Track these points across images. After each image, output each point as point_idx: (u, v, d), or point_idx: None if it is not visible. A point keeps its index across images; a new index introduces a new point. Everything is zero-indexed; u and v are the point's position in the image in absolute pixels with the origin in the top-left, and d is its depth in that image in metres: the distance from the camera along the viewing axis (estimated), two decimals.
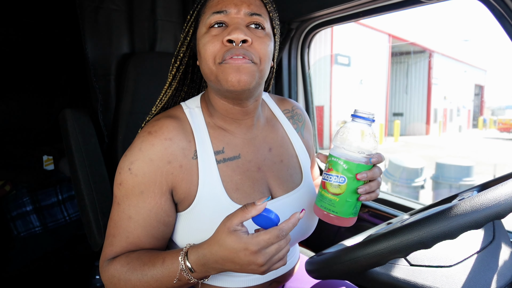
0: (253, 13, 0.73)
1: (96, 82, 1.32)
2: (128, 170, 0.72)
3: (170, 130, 0.74)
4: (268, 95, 0.97)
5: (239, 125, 0.82)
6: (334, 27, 1.66)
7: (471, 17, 68.09)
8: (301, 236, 0.87)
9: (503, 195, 0.54)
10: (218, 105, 0.79)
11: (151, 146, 0.72)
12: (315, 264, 0.68)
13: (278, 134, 0.91)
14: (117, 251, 0.74)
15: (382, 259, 0.56)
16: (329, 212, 0.70)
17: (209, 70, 0.72)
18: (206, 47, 0.72)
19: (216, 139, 0.80)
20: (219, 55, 0.70)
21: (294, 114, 0.98)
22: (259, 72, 0.73)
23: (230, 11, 0.72)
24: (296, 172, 0.89)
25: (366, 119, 0.68)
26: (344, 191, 0.68)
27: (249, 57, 0.70)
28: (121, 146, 1.28)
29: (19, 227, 2.10)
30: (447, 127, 16.82)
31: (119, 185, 0.73)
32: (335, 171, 0.69)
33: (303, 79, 1.78)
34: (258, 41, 0.72)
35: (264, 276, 0.84)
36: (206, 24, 0.73)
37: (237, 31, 0.69)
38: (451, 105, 16.97)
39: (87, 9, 1.30)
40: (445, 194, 3.10)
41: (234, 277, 0.81)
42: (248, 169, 0.81)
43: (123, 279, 0.71)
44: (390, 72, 13.72)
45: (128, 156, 0.73)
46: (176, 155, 0.73)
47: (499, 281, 0.64)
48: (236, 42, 0.69)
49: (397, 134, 13.42)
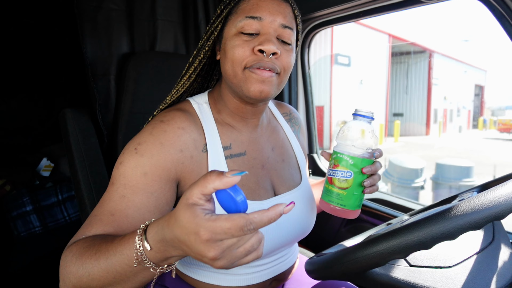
0: (286, 26, 0.74)
1: (94, 81, 1.32)
2: (134, 149, 0.68)
3: (182, 120, 0.73)
4: None
5: (246, 123, 0.84)
6: (334, 27, 1.66)
7: (471, 17, 68.05)
8: (301, 234, 0.87)
9: (503, 196, 0.54)
10: (230, 102, 0.81)
11: (163, 132, 0.70)
12: (315, 264, 0.68)
13: (279, 135, 0.93)
14: (91, 232, 0.64)
15: (382, 260, 0.56)
16: (337, 205, 0.75)
17: (234, 72, 0.73)
18: (235, 50, 0.72)
19: (224, 135, 0.80)
20: (248, 61, 0.71)
21: (292, 117, 1.02)
22: (280, 83, 0.76)
23: (264, 19, 0.72)
24: (295, 172, 0.92)
25: (367, 117, 0.74)
26: (351, 185, 0.73)
27: (274, 70, 0.72)
28: (121, 146, 1.28)
29: (19, 227, 2.10)
30: (447, 128, 16.83)
31: (119, 164, 0.68)
32: (342, 167, 0.73)
33: (303, 79, 1.79)
34: (285, 54, 0.74)
35: (264, 275, 0.84)
36: (237, 27, 0.73)
37: (270, 43, 0.70)
38: (451, 105, 16.98)
39: (87, 9, 1.30)
40: (445, 195, 3.10)
41: (232, 275, 0.81)
42: (253, 166, 0.82)
43: (69, 270, 0.58)
44: (390, 72, 13.72)
45: (135, 138, 0.70)
46: (188, 145, 0.72)
47: (498, 282, 0.64)
48: (267, 53, 0.70)
49: (397, 135, 13.42)
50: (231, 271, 0.81)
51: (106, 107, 1.36)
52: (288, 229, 0.82)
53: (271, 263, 0.86)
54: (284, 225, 0.81)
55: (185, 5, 1.54)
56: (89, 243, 0.59)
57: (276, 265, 0.87)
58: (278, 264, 0.88)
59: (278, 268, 0.88)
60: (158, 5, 1.45)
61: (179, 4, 1.53)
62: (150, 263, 0.52)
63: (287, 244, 0.85)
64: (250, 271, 0.83)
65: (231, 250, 0.46)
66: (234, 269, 0.81)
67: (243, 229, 0.44)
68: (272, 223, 0.76)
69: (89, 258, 0.57)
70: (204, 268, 0.82)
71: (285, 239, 0.83)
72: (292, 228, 0.83)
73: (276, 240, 0.80)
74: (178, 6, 1.52)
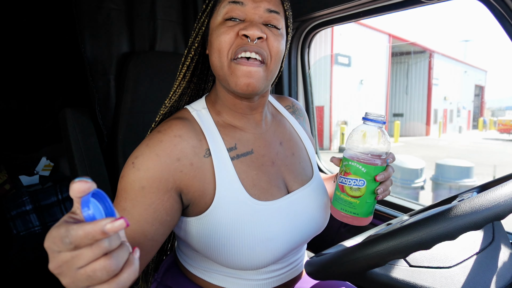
0: (272, 10, 0.72)
1: (94, 81, 1.32)
2: (132, 164, 0.69)
3: (179, 128, 0.73)
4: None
5: (248, 120, 0.82)
6: (334, 27, 1.66)
7: (471, 17, 68.13)
8: (316, 230, 0.85)
9: (502, 196, 0.54)
10: (226, 98, 0.79)
11: (159, 142, 0.70)
12: (314, 265, 0.68)
13: (286, 128, 0.91)
14: None
15: (382, 260, 0.56)
16: (349, 213, 0.72)
17: (220, 63, 0.72)
18: (220, 38, 0.71)
19: (228, 136, 0.79)
20: (232, 48, 0.70)
21: (295, 109, 0.99)
22: (268, 74, 0.73)
23: (247, 4, 0.71)
24: (307, 165, 0.89)
25: (378, 122, 0.69)
26: (364, 193, 0.70)
27: (262, 55, 0.70)
28: (121, 146, 1.28)
29: (18, 226, 2.10)
30: (447, 128, 16.84)
31: (121, 179, 0.70)
32: (354, 175, 0.70)
33: (303, 79, 1.79)
34: (272, 37, 0.72)
35: (276, 281, 0.83)
36: (221, 14, 0.73)
37: (254, 28, 0.69)
38: (451, 105, 17.00)
39: (87, 9, 1.30)
40: (445, 195, 3.11)
41: (244, 280, 0.80)
42: (262, 164, 0.80)
43: None
44: (390, 72, 13.72)
45: (134, 152, 0.72)
46: (186, 153, 0.71)
47: (498, 282, 0.64)
48: (252, 38, 0.69)
49: (397, 135, 13.43)
50: (243, 276, 0.79)
51: (106, 106, 1.36)
52: (303, 227, 0.80)
53: (283, 269, 0.84)
54: (298, 223, 0.79)
55: (185, 5, 1.54)
56: None
57: (288, 271, 0.86)
58: (289, 270, 0.86)
59: (289, 274, 0.86)
60: (158, 5, 1.45)
61: (179, 4, 1.53)
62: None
63: (302, 243, 0.83)
64: (263, 277, 0.81)
65: (71, 267, 0.38)
66: (244, 274, 0.79)
67: (62, 240, 0.37)
68: (287, 222, 0.77)
69: None
70: (216, 271, 0.81)
71: (301, 238, 0.81)
72: (306, 225, 0.81)
73: (291, 240, 0.78)
74: (178, 6, 1.52)
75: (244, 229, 0.71)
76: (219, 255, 0.73)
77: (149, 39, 1.46)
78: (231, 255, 0.72)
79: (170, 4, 1.49)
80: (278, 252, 0.75)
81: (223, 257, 0.73)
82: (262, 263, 0.74)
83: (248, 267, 0.74)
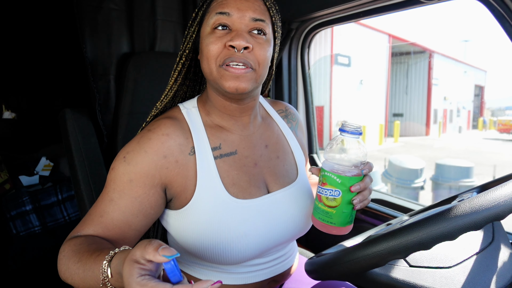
0: (257, 19, 0.75)
1: (94, 81, 1.32)
2: (123, 158, 0.75)
3: (167, 127, 0.77)
4: (262, 98, 1.00)
5: (236, 122, 0.84)
6: (334, 27, 1.66)
7: (471, 18, 68.18)
8: (298, 232, 0.87)
9: (502, 196, 0.54)
10: (216, 101, 0.82)
11: (148, 140, 0.75)
12: (314, 265, 0.68)
13: (274, 132, 0.94)
14: (84, 231, 0.73)
15: (382, 260, 0.56)
16: (327, 223, 0.73)
17: (210, 70, 0.75)
18: (209, 47, 0.74)
19: (213, 136, 0.82)
20: (220, 57, 0.74)
21: (288, 113, 1.02)
22: (257, 77, 0.76)
23: (233, 14, 0.74)
24: (292, 168, 0.92)
25: (354, 133, 0.70)
26: (339, 204, 0.71)
27: (248, 65, 0.73)
28: (121, 146, 1.28)
29: (18, 226, 2.10)
30: (447, 128, 16.85)
31: (111, 170, 0.76)
32: (330, 185, 0.71)
33: (303, 79, 1.79)
34: (258, 47, 0.75)
35: (261, 275, 0.85)
36: (210, 24, 0.76)
37: (240, 38, 0.71)
38: (451, 105, 17.00)
39: (87, 9, 1.30)
40: (445, 195, 3.10)
41: (228, 273, 0.82)
42: (244, 165, 0.83)
43: (60, 267, 0.68)
44: (390, 72, 13.73)
45: (126, 147, 0.77)
46: (173, 150, 0.75)
47: (498, 282, 0.64)
48: (238, 48, 0.72)
49: (397, 135, 13.43)
50: (227, 269, 0.82)
51: (106, 107, 1.36)
52: (281, 227, 0.82)
53: (269, 263, 0.86)
54: (276, 223, 0.81)
55: (185, 5, 1.54)
56: (77, 247, 0.67)
57: (274, 265, 0.87)
58: (276, 265, 0.88)
59: (276, 269, 0.88)
60: (158, 5, 1.45)
61: (179, 4, 1.52)
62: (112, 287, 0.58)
63: (282, 243, 0.85)
64: (246, 270, 0.83)
65: None
66: (230, 268, 0.82)
67: None
68: (263, 220, 0.79)
69: (73, 265, 0.65)
70: (200, 265, 0.84)
71: (280, 237, 0.83)
72: (286, 225, 0.83)
73: (269, 238, 0.80)
74: (178, 6, 1.52)
75: (221, 224, 0.75)
76: (198, 249, 0.77)
77: (149, 39, 1.46)
78: (209, 249, 0.76)
79: (170, 4, 1.49)
80: (255, 249, 0.78)
81: (202, 251, 0.76)
82: (239, 258, 0.77)
83: (226, 261, 0.77)
